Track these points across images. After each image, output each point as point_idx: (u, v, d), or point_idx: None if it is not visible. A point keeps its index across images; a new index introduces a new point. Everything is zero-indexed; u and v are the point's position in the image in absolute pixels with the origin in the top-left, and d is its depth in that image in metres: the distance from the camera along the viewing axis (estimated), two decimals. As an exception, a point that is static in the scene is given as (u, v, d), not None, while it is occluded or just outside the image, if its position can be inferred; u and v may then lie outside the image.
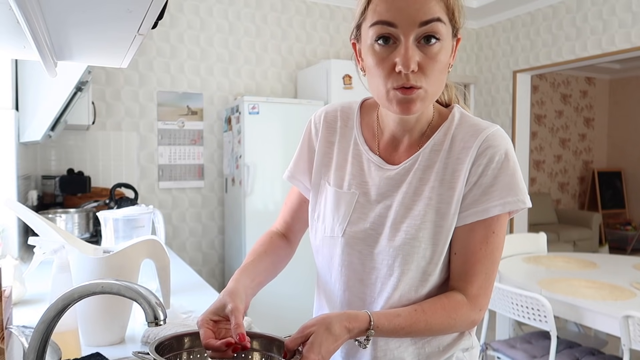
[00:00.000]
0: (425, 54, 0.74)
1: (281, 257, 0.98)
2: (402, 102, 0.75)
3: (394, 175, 0.85)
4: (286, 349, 0.71)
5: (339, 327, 0.71)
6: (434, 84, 0.76)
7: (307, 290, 3.24)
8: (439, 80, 0.77)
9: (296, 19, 3.98)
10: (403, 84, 0.74)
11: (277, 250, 0.98)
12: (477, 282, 0.80)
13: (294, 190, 1.02)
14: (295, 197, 1.01)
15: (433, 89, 0.77)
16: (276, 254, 0.97)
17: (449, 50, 0.77)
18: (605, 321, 1.96)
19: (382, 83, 0.76)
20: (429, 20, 0.72)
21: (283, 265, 0.99)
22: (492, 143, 0.80)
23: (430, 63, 0.74)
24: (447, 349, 0.86)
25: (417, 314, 0.77)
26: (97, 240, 2.28)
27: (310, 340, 0.70)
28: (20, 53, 1.06)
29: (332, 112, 0.95)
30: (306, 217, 1.00)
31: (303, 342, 0.71)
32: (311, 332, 0.71)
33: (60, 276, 0.94)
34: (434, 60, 0.74)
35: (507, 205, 0.78)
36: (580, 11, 3.87)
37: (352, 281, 0.86)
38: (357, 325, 0.73)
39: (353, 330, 0.73)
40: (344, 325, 0.72)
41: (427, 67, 0.74)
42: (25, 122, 1.99)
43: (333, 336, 0.70)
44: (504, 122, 4.51)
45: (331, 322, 0.71)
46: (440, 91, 0.80)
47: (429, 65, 0.74)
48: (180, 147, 3.66)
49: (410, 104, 0.75)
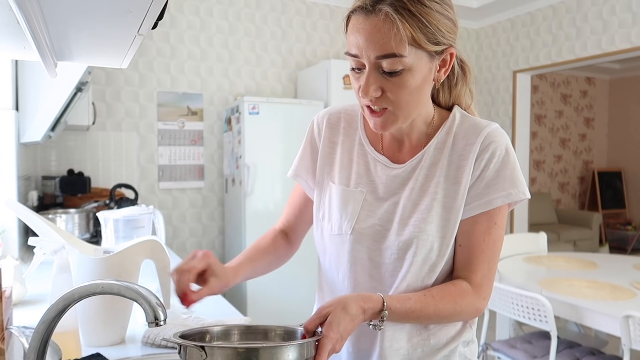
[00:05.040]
0: (390, 82, 0.79)
1: (279, 257, 1.02)
2: (374, 122, 0.83)
3: (400, 173, 0.89)
4: (305, 331, 0.74)
5: (355, 307, 0.75)
6: (405, 106, 0.81)
7: (308, 291, 3.24)
8: (411, 101, 0.81)
9: (296, 19, 3.98)
10: (370, 105, 0.82)
11: (277, 250, 1.01)
12: (481, 272, 0.85)
13: (296, 191, 1.04)
14: (299, 196, 1.03)
15: (404, 110, 0.82)
16: (275, 255, 1.01)
17: (423, 72, 0.80)
18: (606, 321, 1.95)
19: (359, 100, 0.84)
20: (384, 56, 0.76)
21: (279, 265, 1.03)
22: (494, 139, 0.85)
23: (394, 89, 0.79)
24: (451, 341, 0.89)
25: (427, 298, 0.82)
26: (98, 241, 2.28)
27: (328, 320, 0.73)
28: (20, 53, 1.06)
29: (335, 114, 0.99)
30: (308, 217, 1.03)
31: (321, 323, 0.74)
32: (329, 313, 0.73)
33: (61, 277, 0.94)
34: (399, 87, 0.79)
35: (509, 196, 0.83)
36: (580, 11, 3.87)
37: (361, 277, 0.90)
38: (371, 306, 0.76)
39: (368, 311, 0.76)
40: (359, 305, 0.75)
41: (392, 93, 0.80)
42: (26, 123, 1.99)
43: (350, 315, 0.74)
44: (504, 122, 4.51)
45: (347, 303, 0.75)
46: (419, 108, 0.85)
47: (394, 91, 0.79)
48: (181, 148, 3.66)
49: (380, 125, 0.83)
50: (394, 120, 0.82)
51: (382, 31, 0.75)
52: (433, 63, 0.81)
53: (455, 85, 0.93)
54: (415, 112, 0.85)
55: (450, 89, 0.93)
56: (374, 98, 0.80)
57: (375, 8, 0.75)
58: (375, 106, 0.81)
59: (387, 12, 0.74)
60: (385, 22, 0.75)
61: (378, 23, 0.75)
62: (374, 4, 0.76)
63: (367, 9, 0.76)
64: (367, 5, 0.76)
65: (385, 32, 0.75)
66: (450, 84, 0.93)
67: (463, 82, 0.93)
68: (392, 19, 0.74)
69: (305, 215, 1.03)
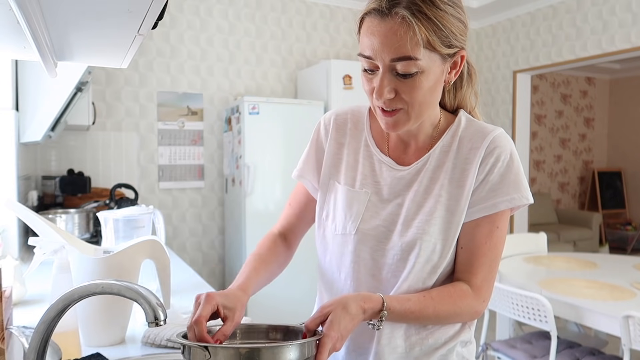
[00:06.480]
0: (404, 83, 0.79)
1: (280, 264, 1.01)
2: (385, 121, 0.84)
3: (405, 175, 0.90)
4: (306, 329, 0.76)
5: (355, 306, 0.76)
6: (418, 107, 0.82)
7: (307, 290, 3.24)
8: (424, 102, 0.82)
9: (296, 19, 3.98)
10: (383, 106, 0.82)
11: (278, 257, 1.00)
12: (481, 274, 0.86)
13: (299, 191, 1.04)
14: (302, 197, 1.03)
15: (417, 111, 0.82)
16: (277, 263, 1.00)
17: (436, 75, 0.81)
18: (606, 321, 1.95)
19: (371, 101, 0.85)
20: (399, 59, 0.77)
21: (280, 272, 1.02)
22: (499, 144, 0.86)
23: (408, 90, 0.80)
24: (449, 341, 0.89)
25: (426, 299, 0.83)
26: (98, 241, 2.28)
27: (329, 318, 0.74)
28: (20, 53, 1.06)
29: (342, 115, 1.00)
30: (310, 218, 1.03)
31: (322, 322, 0.75)
32: (329, 312, 0.75)
33: (61, 276, 0.94)
34: (413, 88, 0.79)
35: (513, 201, 0.84)
36: (580, 11, 3.87)
37: (364, 276, 0.90)
38: (371, 306, 0.77)
39: (368, 310, 0.77)
40: (359, 305, 0.76)
41: (405, 94, 0.80)
42: (26, 123, 1.99)
43: (350, 315, 0.75)
44: (504, 123, 4.51)
45: (348, 302, 0.76)
46: (430, 110, 0.86)
47: (407, 92, 0.80)
48: (181, 148, 3.66)
49: (392, 125, 0.84)
50: (406, 120, 0.83)
51: (398, 34, 0.75)
52: (445, 65, 0.82)
53: (461, 87, 0.93)
54: (427, 113, 0.85)
55: (456, 91, 0.94)
56: (388, 100, 0.81)
57: (392, 11, 0.76)
58: (388, 107, 0.82)
59: (404, 15, 0.75)
60: (401, 25, 0.75)
61: (394, 26, 0.75)
62: (391, 7, 0.76)
63: (382, 11, 0.76)
64: (383, 8, 0.76)
65: (401, 35, 0.75)
66: (456, 86, 0.93)
67: (469, 84, 0.94)
68: (408, 22, 0.75)
69: (307, 216, 1.03)
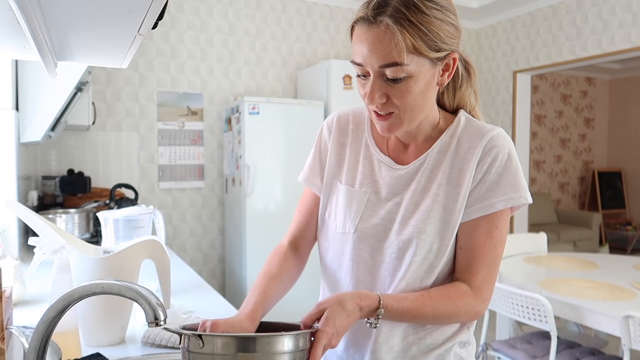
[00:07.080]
0: (394, 88, 0.81)
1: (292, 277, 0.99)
2: (380, 125, 0.86)
3: (403, 175, 0.91)
4: (303, 325, 0.76)
5: (352, 303, 0.76)
6: (409, 110, 0.83)
7: (308, 290, 3.23)
8: (416, 106, 0.83)
9: (296, 19, 3.98)
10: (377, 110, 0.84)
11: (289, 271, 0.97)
12: (481, 275, 0.85)
13: (307, 196, 1.04)
14: (310, 202, 1.03)
15: (409, 114, 0.84)
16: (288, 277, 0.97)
17: (426, 78, 0.82)
18: (606, 321, 1.95)
19: (365, 105, 0.87)
20: (387, 65, 0.78)
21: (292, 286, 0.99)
22: (497, 143, 0.86)
23: (399, 95, 0.81)
24: (447, 341, 0.90)
25: (424, 298, 0.83)
26: (98, 241, 2.28)
27: (325, 314, 0.74)
28: (20, 53, 1.06)
29: (344, 116, 1.02)
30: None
31: (318, 318, 0.75)
32: (325, 308, 0.75)
33: (61, 276, 0.94)
34: (403, 93, 0.81)
35: (510, 200, 0.84)
36: (580, 11, 3.87)
37: (363, 274, 0.91)
38: (368, 304, 0.78)
39: (364, 308, 0.77)
40: (356, 302, 0.77)
41: (397, 98, 0.81)
42: (26, 123, 1.99)
43: (346, 312, 0.75)
44: (504, 123, 4.51)
45: (344, 299, 0.76)
46: (423, 112, 0.86)
47: (398, 97, 0.81)
48: (181, 148, 3.66)
49: (387, 128, 0.85)
50: (399, 123, 0.84)
51: (383, 41, 0.77)
52: (436, 68, 0.82)
53: (460, 87, 0.94)
54: (421, 115, 0.86)
55: (455, 91, 0.94)
56: (380, 104, 0.82)
57: (377, 19, 0.77)
58: (381, 111, 0.83)
59: (388, 23, 0.76)
60: (386, 33, 0.77)
61: (379, 34, 0.77)
62: (376, 15, 0.77)
63: (369, 20, 0.78)
64: (369, 16, 0.78)
65: (386, 43, 0.77)
66: (455, 86, 0.94)
67: (467, 83, 0.94)
68: (392, 30, 0.76)
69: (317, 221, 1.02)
